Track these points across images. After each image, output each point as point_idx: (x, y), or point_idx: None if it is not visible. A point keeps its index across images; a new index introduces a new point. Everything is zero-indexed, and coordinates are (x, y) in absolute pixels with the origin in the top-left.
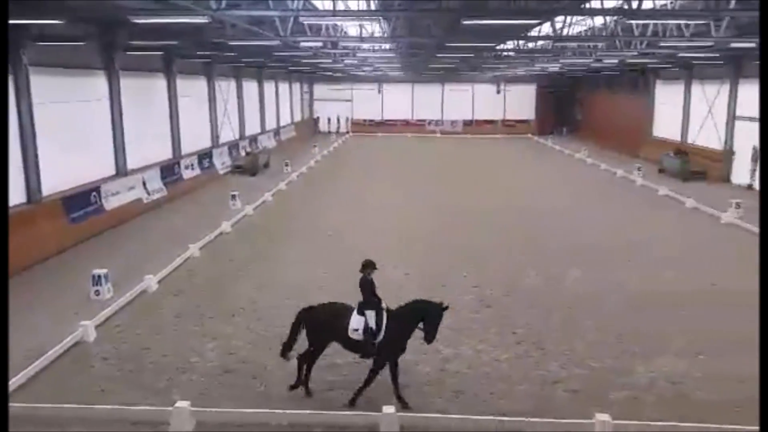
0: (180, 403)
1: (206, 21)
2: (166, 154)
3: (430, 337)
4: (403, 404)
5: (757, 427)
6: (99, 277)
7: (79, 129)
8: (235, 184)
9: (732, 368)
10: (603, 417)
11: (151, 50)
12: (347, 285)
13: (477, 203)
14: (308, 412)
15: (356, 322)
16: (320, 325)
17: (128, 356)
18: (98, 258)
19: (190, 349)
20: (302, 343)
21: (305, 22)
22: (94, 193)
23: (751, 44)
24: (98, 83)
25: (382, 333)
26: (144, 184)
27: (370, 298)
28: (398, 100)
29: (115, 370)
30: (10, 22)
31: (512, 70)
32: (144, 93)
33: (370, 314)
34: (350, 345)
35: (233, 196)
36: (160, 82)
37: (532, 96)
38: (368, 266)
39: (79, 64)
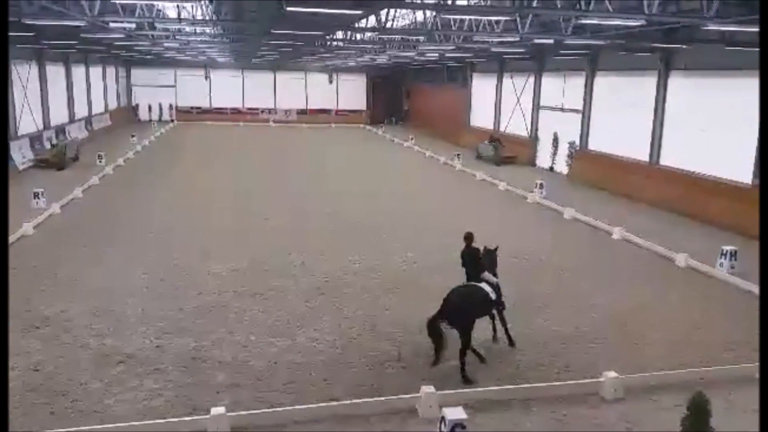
0: None
1: None
2: None
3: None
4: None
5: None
6: None
7: None
8: (38, 180)
9: (542, 329)
10: (428, 389)
11: None
12: (168, 287)
13: (310, 191)
14: (129, 424)
15: (487, 288)
16: (468, 308)
17: None
18: None
19: None
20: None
21: (117, 2)
22: None
23: (550, 41)
24: None
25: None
26: None
27: (479, 265)
28: (228, 87)
29: None
30: None
31: (343, 60)
32: None
33: (487, 276)
34: (491, 309)
35: (36, 194)
36: None
37: (364, 86)
38: (471, 238)
39: None
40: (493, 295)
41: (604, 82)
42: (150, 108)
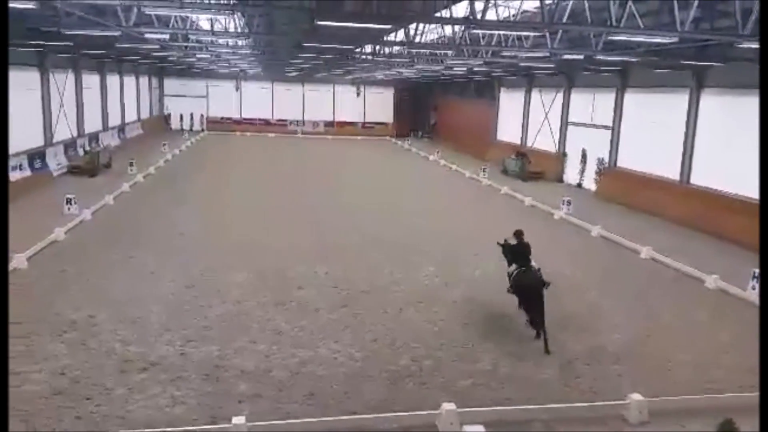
0: None
1: (33, 6)
2: None
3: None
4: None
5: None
6: None
7: None
8: (71, 186)
9: (565, 348)
10: (449, 406)
11: None
12: (193, 295)
13: (335, 202)
14: (151, 431)
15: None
16: (536, 286)
17: None
18: None
19: (11, 373)
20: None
21: (151, 13)
22: None
23: (580, 56)
24: None
25: None
26: None
27: (529, 254)
28: (258, 99)
29: None
30: None
31: (371, 73)
32: None
33: (533, 262)
34: (543, 285)
35: (69, 200)
36: None
37: (391, 99)
38: (522, 233)
39: None
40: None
41: (635, 98)
42: (181, 117)
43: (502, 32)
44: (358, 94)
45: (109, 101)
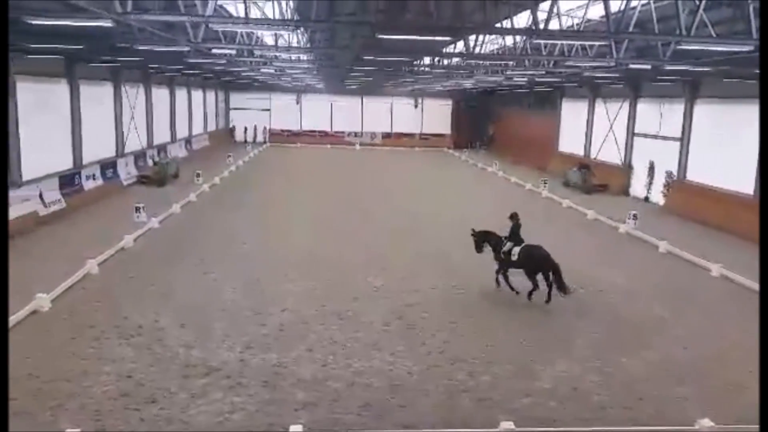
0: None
1: (111, 25)
2: (66, 163)
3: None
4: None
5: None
6: None
7: None
8: (141, 195)
9: (629, 367)
10: (507, 424)
11: (51, 54)
12: (253, 303)
13: (391, 215)
14: None
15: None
16: (549, 256)
17: (11, 383)
18: None
19: (82, 373)
20: None
21: (218, 29)
22: None
23: (647, 66)
24: None
25: None
26: (40, 195)
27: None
28: (317, 111)
29: None
30: None
31: (429, 85)
32: (44, 99)
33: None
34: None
35: (138, 208)
36: (61, 87)
37: (449, 111)
38: (518, 216)
39: None
40: None
41: (706, 109)
42: (245, 130)
43: (565, 42)
44: (416, 106)
45: (178, 114)
